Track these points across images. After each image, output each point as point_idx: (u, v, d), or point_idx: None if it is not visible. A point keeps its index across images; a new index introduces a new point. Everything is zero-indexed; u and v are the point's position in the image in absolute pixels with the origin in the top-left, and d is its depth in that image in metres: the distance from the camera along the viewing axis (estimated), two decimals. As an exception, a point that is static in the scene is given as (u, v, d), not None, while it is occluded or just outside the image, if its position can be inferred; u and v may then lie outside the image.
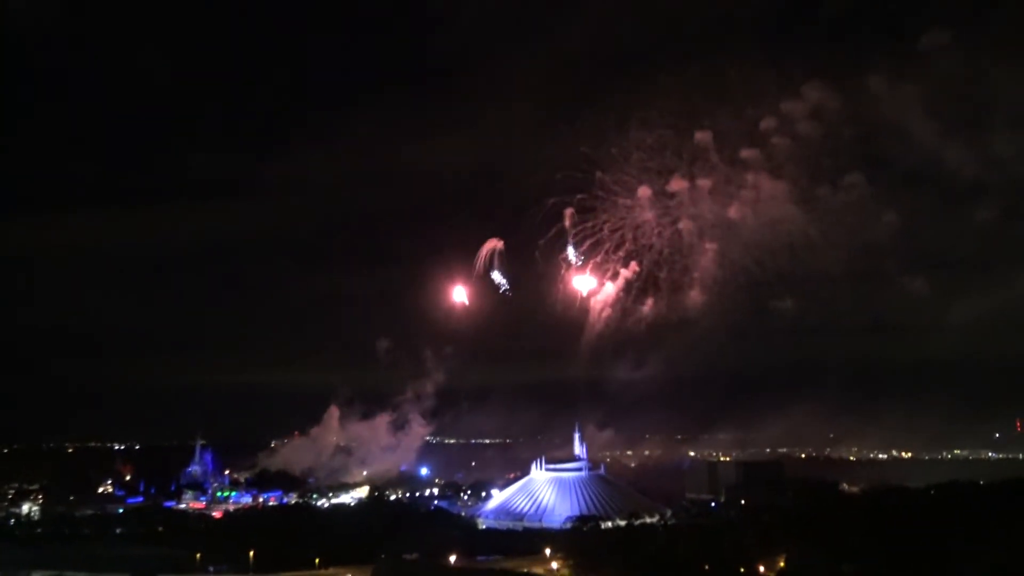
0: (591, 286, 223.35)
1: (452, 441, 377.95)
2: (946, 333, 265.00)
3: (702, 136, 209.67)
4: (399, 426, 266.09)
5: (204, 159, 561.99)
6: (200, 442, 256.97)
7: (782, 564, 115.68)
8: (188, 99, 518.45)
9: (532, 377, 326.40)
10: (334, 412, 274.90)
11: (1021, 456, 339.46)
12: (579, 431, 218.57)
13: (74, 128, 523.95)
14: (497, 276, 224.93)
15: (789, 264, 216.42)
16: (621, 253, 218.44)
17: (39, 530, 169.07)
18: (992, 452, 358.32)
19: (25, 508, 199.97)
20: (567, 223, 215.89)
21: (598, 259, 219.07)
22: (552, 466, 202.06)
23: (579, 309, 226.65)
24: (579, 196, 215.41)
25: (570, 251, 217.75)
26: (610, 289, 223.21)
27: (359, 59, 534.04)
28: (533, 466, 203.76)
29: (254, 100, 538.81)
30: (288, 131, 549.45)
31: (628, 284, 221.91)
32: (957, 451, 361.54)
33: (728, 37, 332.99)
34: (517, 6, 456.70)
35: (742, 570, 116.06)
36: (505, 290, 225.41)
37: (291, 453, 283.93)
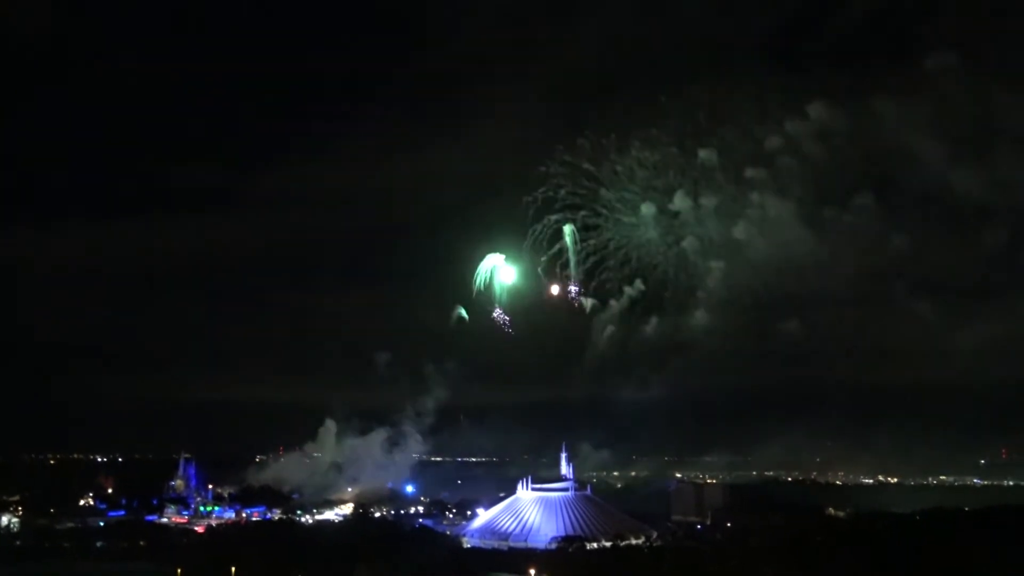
0: (594, 304, 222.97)
1: (439, 459, 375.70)
2: (947, 359, 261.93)
3: (706, 155, 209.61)
4: (395, 443, 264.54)
5: (195, 171, 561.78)
6: (184, 456, 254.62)
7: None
8: (179, 110, 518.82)
9: (531, 396, 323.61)
10: (330, 427, 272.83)
11: (1006, 483, 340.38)
12: (566, 451, 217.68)
13: (61, 138, 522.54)
14: (498, 314, 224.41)
15: (796, 285, 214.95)
16: (626, 271, 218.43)
17: (18, 543, 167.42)
18: (977, 479, 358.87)
19: (4, 521, 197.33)
20: (568, 241, 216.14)
21: (602, 277, 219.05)
22: (538, 486, 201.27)
23: (581, 328, 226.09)
24: (582, 213, 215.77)
25: (571, 281, 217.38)
26: (614, 308, 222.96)
27: (353, 72, 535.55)
28: (519, 485, 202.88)
29: (246, 111, 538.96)
30: (280, 143, 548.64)
31: (632, 303, 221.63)
32: (943, 477, 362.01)
33: (731, 55, 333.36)
34: (515, 22, 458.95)
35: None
36: (506, 325, 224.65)
37: (282, 468, 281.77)
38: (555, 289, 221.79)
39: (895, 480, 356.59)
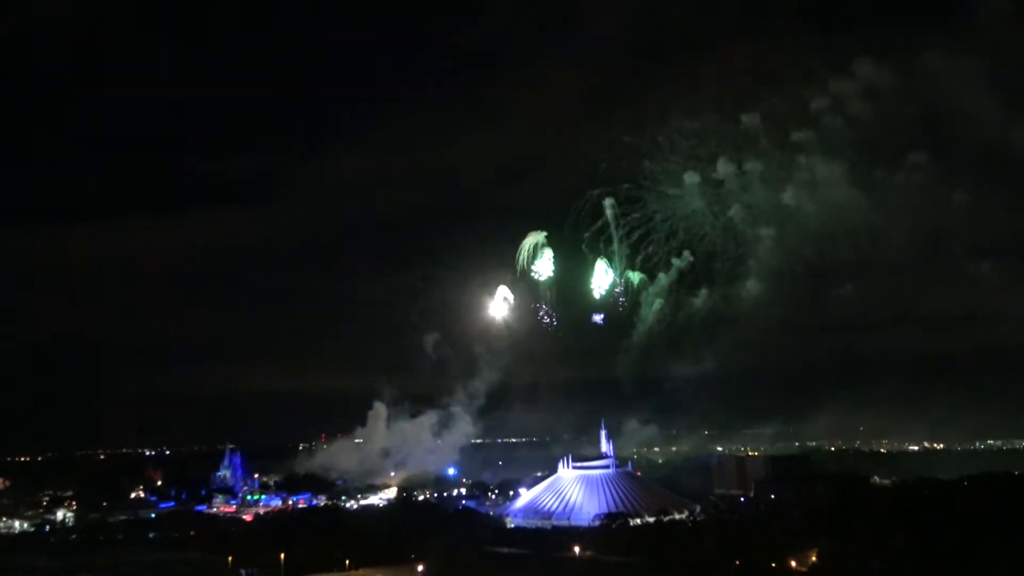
0: (641, 279, 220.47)
1: (481, 441, 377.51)
2: (1004, 322, 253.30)
3: (749, 120, 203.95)
4: (444, 425, 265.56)
5: (231, 163, 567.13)
6: (229, 446, 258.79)
7: (813, 559, 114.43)
8: (213, 102, 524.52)
9: (578, 374, 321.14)
10: (380, 411, 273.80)
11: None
12: (606, 428, 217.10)
13: (100, 134, 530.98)
14: (542, 310, 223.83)
15: (849, 251, 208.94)
16: (672, 243, 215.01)
17: (74, 536, 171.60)
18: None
19: (59, 515, 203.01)
20: (609, 215, 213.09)
21: (648, 250, 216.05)
22: (579, 464, 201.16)
23: (630, 302, 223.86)
24: (625, 186, 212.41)
25: (609, 263, 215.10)
26: (662, 281, 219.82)
27: (387, 56, 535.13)
28: (560, 464, 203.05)
29: (280, 101, 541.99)
30: (315, 132, 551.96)
31: (681, 275, 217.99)
32: (991, 441, 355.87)
33: (769, 16, 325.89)
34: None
35: (773, 566, 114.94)
36: (552, 320, 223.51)
37: (330, 455, 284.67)
38: (600, 274, 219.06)
39: (941, 446, 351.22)
